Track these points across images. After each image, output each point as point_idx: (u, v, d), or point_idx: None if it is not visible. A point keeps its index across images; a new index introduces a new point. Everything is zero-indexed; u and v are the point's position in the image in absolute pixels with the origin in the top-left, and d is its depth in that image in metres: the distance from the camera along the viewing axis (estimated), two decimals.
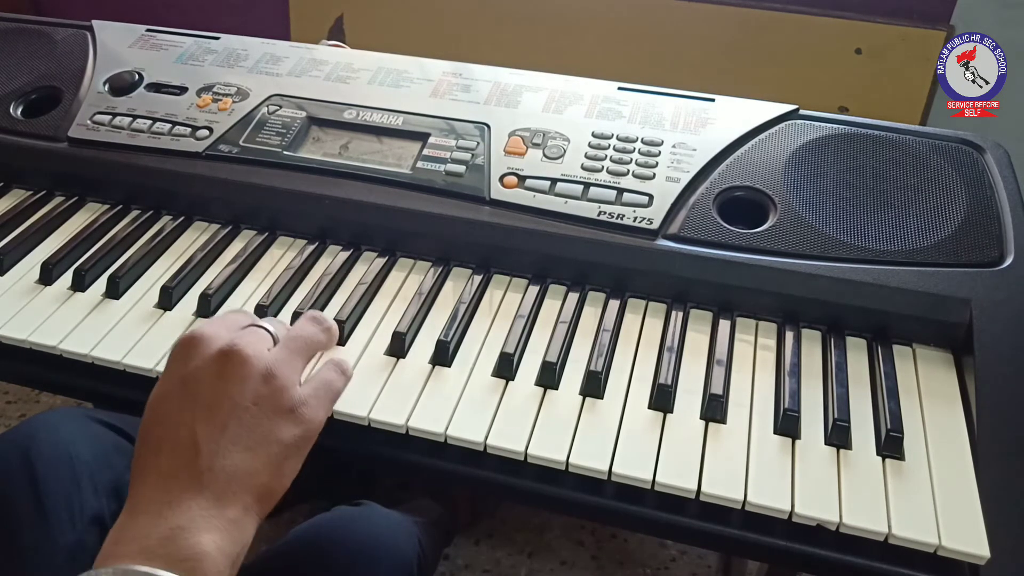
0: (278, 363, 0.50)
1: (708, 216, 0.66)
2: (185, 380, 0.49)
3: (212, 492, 0.46)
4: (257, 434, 0.48)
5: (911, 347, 0.62)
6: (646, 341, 0.62)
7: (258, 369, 0.49)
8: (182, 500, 0.45)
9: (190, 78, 0.81)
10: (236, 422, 0.48)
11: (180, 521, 0.44)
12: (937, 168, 0.68)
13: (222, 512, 0.46)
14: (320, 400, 0.52)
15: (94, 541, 0.65)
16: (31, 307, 0.65)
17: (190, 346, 0.50)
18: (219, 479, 0.46)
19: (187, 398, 0.48)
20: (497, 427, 0.55)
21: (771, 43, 1.36)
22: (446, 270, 0.68)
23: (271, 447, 0.48)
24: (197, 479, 0.46)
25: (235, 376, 0.49)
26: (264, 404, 0.49)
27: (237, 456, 0.47)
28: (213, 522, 0.45)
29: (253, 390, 0.49)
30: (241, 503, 0.47)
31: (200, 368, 0.49)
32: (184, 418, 0.48)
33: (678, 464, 0.53)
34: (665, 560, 1.20)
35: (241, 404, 0.48)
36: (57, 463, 0.66)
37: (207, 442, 0.47)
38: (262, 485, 0.48)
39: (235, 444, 0.47)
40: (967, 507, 0.51)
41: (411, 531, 0.72)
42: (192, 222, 0.74)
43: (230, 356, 0.49)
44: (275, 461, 0.48)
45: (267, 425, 0.48)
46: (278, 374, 0.50)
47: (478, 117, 0.75)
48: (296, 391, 0.51)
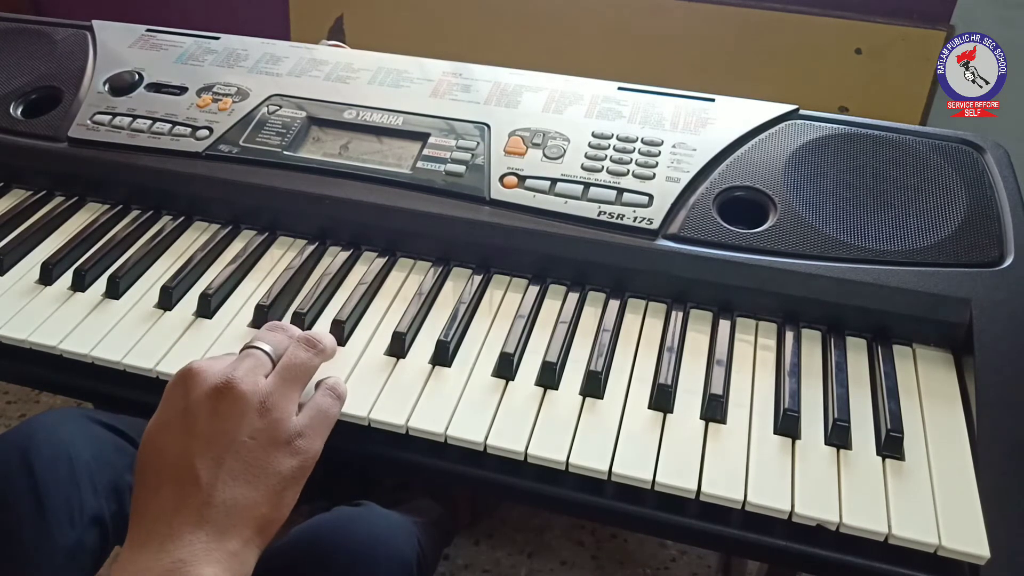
0: (273, 395, 0.51)
1: (708, 216, 0.66)
2: (182, 414, 0.50)
3: (213, 526, 0.47)
4: (255, 467, 0.49)
5: (911, 347, 0.62)
6: (646, 341, 0.62)
7: (253, 404, 0.50)
8: (183, 534, 0.46)
9: (190, 78, 0.81)
10: (234, 456, 0.48)
11: (182, 555, 0.45)
12: (937, 168, 0.68)
13: (222, 545, 0.46)
14: (316, 429, 0.52)
15: (93, 541, 0.65)
16: (31, 307, 0.65)
17: (186, 380, 0.50)
18: (219, 512, 0.47)
19: (184, 433, 0.49)
20: (497, 427, 0.55)
21: (771, 43, 1.36)
22: (446, 270, 0.68)
23: (270, 479, 0.49)
24: (197, 513, 0.47)
25: (231, 412, 0.49)
26: (261, 438, 0.49)
27: (236, 489, 0.48)
28: (214, 555, 0.46)
29: (250, 424, 0.49)
30: (241, 536, 0.47)
31: (196, 403, 0.49)
32: (182, 452, 0.48)
33: (678, 464, 0.53)
34: (665, 560, 1.20)
35: (238, 439, 0.49)
36: (56, 463, 0.66)
37: (206, 476, 0.47)
38: (262, 516, 0.48)
39: (234, 478, 0.48)
40: (967, 507, 0.51)
41: (411, 531, 0.72)
42: (192, 222, 0.74)
43: (225, 392, 0.49)
44: (274, 492, 0.49)
45: (265, 458, 0.49)
46: (273, 407, 0.50)
47: (478, 117, 0.75)
48: (292, 422, 0.51)
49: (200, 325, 0.64)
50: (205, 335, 0.63)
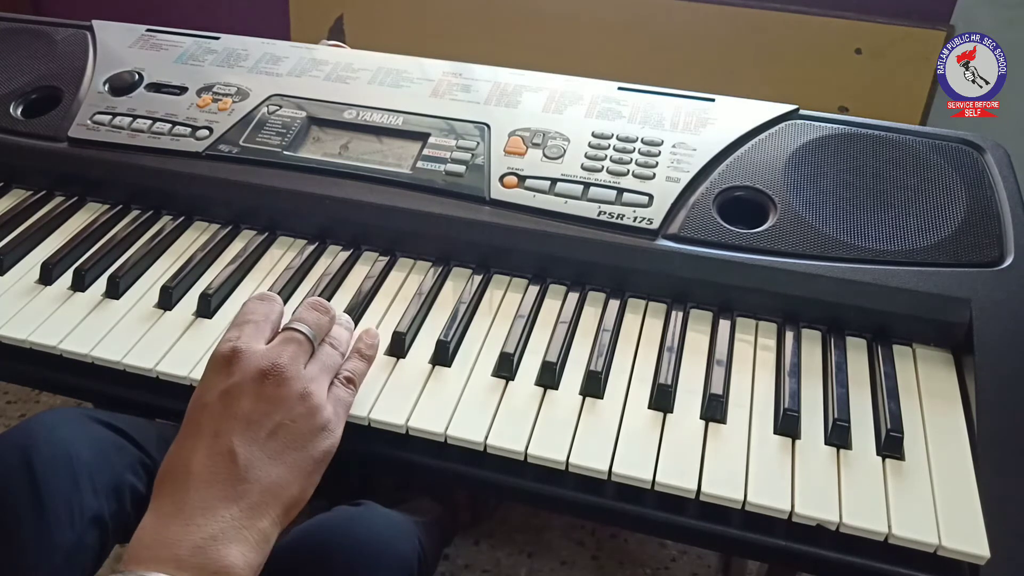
0: (313, 381, 0.53)
1: (708, 216, 0.66)
2: (224, 394, 0.51)
3: (247, 502, 0.48)
4: (293, 449, 0.50)
5: (911, 347, 0.62)
6: (646, 341, 0.62)
7: (296, 390, 0.51)
8: (216, 508, 0.47)
9: (190, 78, 0.81)
10: (274, 438, 0.50)
11: (212, 530, 0.46)
12: (937, 168, 0.68)
13: (254, 523, 0.47)
14: (340, 416, 0.54)
15: (93, 541, 0.65)
16: (31, 307, 0.65)
17: (231, 360, 0.52)
18: (254, 491, 0.48)
19: (227, 412, 0.50)
20: (497, 427, 0.55)
21: (771, 43, 1.36)
22: (446, 270, 0.68)
23: (303, 462, 0.50)
24: (233, 488, 0.48)
25: (275, 396, 0.51)
26: (301, 422, 0.51)
27: (273, 470, 0.49)
28: (243, 533, 0.47)
29: (291, 409, 0.51)
30: (272, 515, 0.49)
31: (240, 384, 0.51)
32: (223, 430, 0.49)
33: (678, 464, 0.53)
34: (665, 560, 1.20)
35: (280, 421, 0.50)
36: (56, 463, 0.66)
37: (245, 455, 0.49)
38: (291, 497, 0.50)
39: (272, 458, 0.49)
40: (967, 507, 0.51)
41: (411, 531, 0.72)
42: (192, 222, 0.74)
43: (270, 376, 0.51)
44: (305, 474, 0.51)
45: (302, 441, 0.51)
46: (313, 392, 0.52)
47: (478, 117, 0.75)
48: (327, 409, 0.53)
49: (200, 325, 0.64)
50: (205, 335, 0.63)
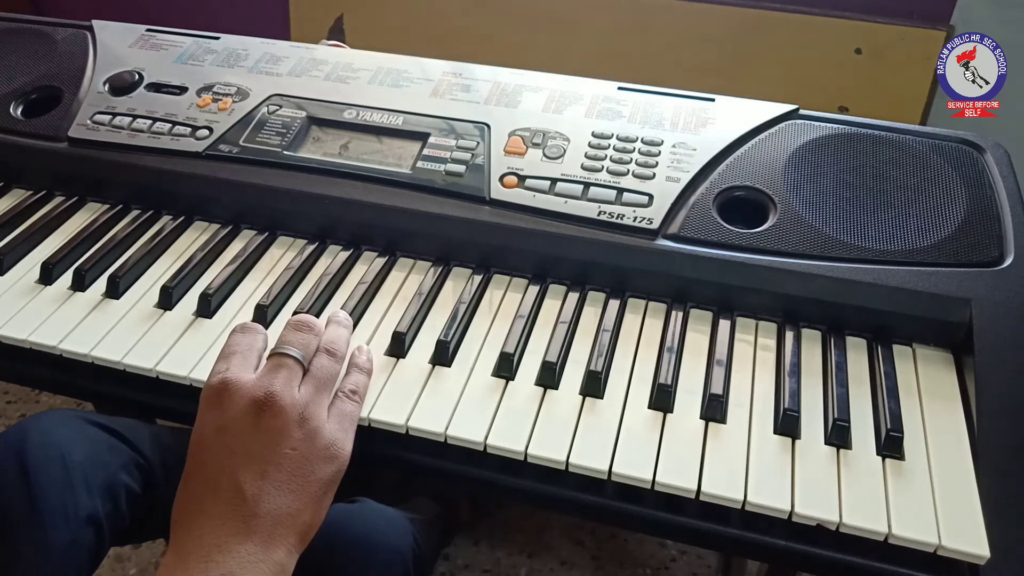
0: (310, 406, 0.52)
1: (708, 216, 0.66)
2: (221, 430, 0.50)
3: (260, 536, 0.48)
4: (298, 477, 0.50)
5: (911, 347, 0.62)
6: (646, 341, 0.62)
7: (293, 417, 0.50)
8: (231, 545, 0.47)
9: (190, 78, 0.81)
10: (276, 468, 0.49)
11: (230, 566, 0.46)
12: (937, 168, 0.68)
13: (269, 556, 0.47)
14: (346, 432, 0.53)
15: (89, 541, 0.65)
16: (31, 307, 0.65)
17: (222, 395, 0.51)
18: (265, 523, 0.48)
19: (225, 448, 0.50)
20: (497, 427, 0.55)
21: (771, 43, 1.36)
22: (446, 270, 0.68)
23: (311, 487, 0.50)
24: (245, 524, 0.48)
25: (272, 427, 0.50)
26: (301, 448, 0.50)
27: (281, 499, 0.49)
28: (260, 567, 0.47)
29: (290, 437, 0.50)
30: (287, 544, 0.48)
31: (236, 419, 0.50)
32: (224, 467, 0.49)
33: (678, 464, 0.53)
34: (665, 560, 1.20)
35: (280, 451, 0.50)
36: (50, 464, 0.66)
37: (251, 489, 0.48)
38: (304, 524, 0.50)
39: (278, 488, 0.49)
40: (967, 507, 0.51)
41: (406, 527, 0.72)
42: (192, 222, 0.74)
43: (265, 408, 0.50)
44: (315, 499, 0.50)
45: (306, 467, 0.50)
46: (311, 417, 0.51)
47: (478, 117, 0.75)
48: (328, 429, 0.52)
49: (200, 325, 0.64)
50: (205, 335, 0.63)
